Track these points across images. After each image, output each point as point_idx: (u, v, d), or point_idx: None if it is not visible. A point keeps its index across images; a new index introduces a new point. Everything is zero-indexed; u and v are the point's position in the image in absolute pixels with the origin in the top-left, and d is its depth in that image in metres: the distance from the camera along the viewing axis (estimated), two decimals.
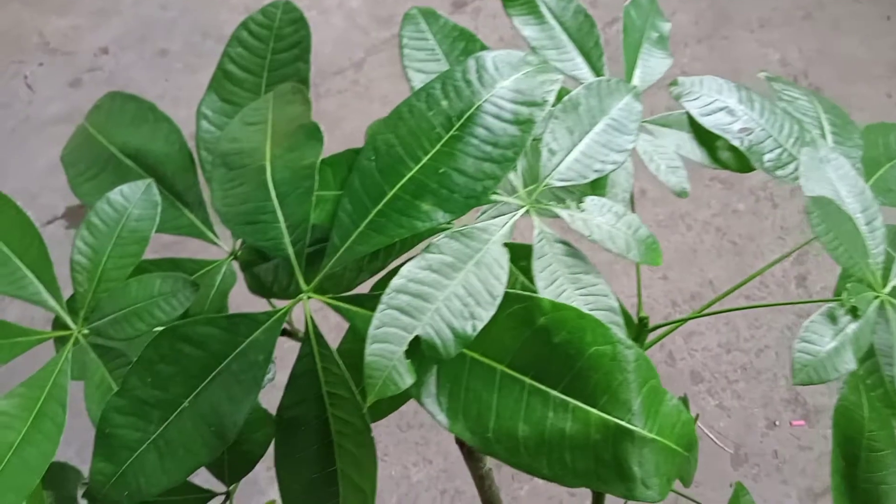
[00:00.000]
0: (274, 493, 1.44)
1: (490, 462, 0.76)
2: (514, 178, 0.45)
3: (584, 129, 0.45)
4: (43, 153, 1.72)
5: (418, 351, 0.38)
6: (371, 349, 0.37)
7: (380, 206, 0.43)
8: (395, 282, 0.38)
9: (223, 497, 0.58)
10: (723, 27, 1.95)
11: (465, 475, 1.51)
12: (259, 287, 0.56)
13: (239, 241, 0.59)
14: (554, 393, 0.39)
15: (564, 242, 0.43)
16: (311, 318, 0.44)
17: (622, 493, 0.38)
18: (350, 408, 0.42)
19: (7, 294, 0.50)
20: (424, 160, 0.43)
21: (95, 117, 0.66)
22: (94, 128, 0.65)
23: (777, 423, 1.50)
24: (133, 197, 0.52)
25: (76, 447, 0.81)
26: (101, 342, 0.50)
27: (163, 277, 0.49)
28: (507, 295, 0.40)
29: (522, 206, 0.43)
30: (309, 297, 0.44)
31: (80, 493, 0.60)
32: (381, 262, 0.51)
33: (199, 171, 0.62)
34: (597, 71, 0.52)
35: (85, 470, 0.64)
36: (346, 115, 1.82)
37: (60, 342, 0.59)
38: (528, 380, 0.40)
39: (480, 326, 0.38)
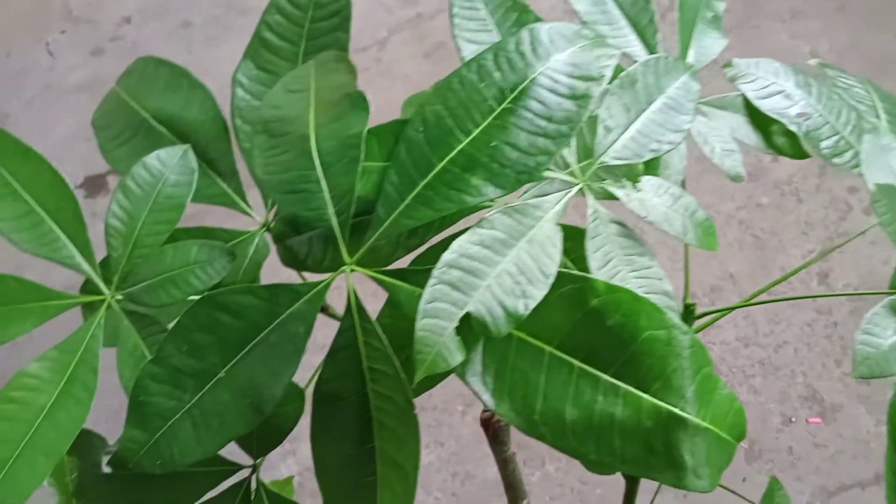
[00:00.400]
0: (286, 469, 1.44)
1: (514, 446, 0.75)
2: (568, 154, 0.44)
3: (641, 106, 0.44)
4: (63, 121, 1.71)
5: (466, 328, 0.37)
6: (422, 324, 0.36)
7: (427, 179, 0.42)
8: (447, 256, 0.37)
9: (249, 470, 0.57)
10: (753, 17, 1.91)
11: (477, 458, 1.50)
12: (292, 260, 0.54)
13: (272, 213, 0.58)
14: (604, 377, 0.38)
15: (619, 223, 0.41)
16: (354, 291, 0.42)
17: (672, 482, 0.37)
18: (392, 384, 0.41)
19: (40, 256, 0.49)
20: (475, 133, 0.42)
21: (127, 82, 0.65)
22: (126, 92, 0.64)
23: (793, 419, 1.49)
24: (170, 162, 0.51)
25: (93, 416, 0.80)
26: (134, 308, 0.49)
27: (199, 245, 0.48)
28: (559, 275, 0.38)
29: (576, 184, 0.42)
30: (352, 270, 0.43)
31: (104, 460, 0.60)
32: (418, 239, 0.50)
33: (233, 140, 0.61)
34: (650, 48, 0.51)
35: (108, 439, 0.63)
36: (368, 93, 1.80)
37: (89, 309, 0.59)
38: (577, 362, 0.39)
39: (532, 305, 0.37)
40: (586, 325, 0.38)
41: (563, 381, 0.39)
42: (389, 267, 0.43)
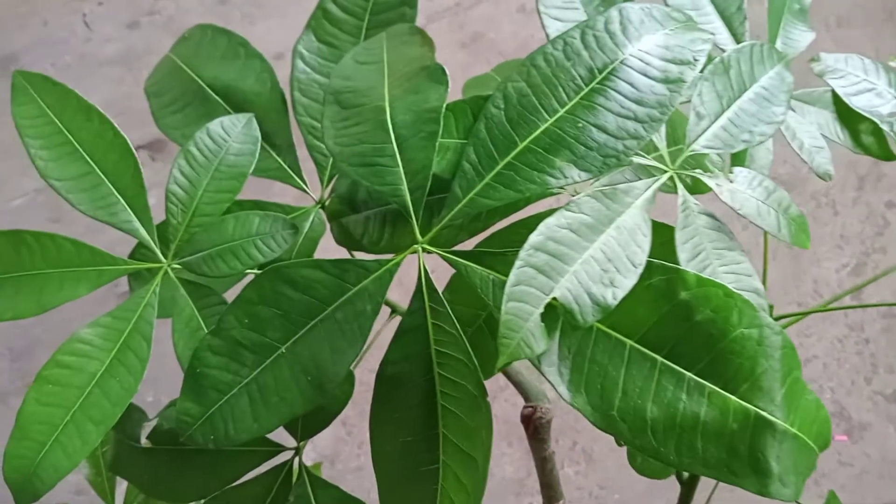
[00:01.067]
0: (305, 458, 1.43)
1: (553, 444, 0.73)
2: (657, 140, 0.42)
3: (733, 95, 0.42)
4: (97, 92, 1.70)
5: (546, 314, 0.35)
6: (508, 307, 0.34)
7: (508, 158, 0.40)
8: (534, 238, 0.35)
9: (292, 452, 0.56)
10: None
11: (494, 456, 1.48)
12: (346, 239, 0.53)
13: (328, 190, 0.57)
14: (689, 374, 0.36)
15: (709, 214, 0.39)
16: (426, 270, 0.41)
17: (755, 489, 0.36)
18: (461, 369, 0.39)
19: (97, 219, 0.48)
20: (561, 112, 0.40)
21: (183, 49, 0.63)
22: (182, 60, 0.63)
23: None
24: (233, 130, 0.50)
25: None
26: (192, 278, 0.47)
27: (261, 216, 0.47)
28: (648, 264, 0.36)
29: (665, 172, 0.40)
30: (424, 250, 0.42)
31: (143, 434, 0.59)
32: (481, 224, 0.48)
33: (291, 114, 0.59)
34: (737, 37, 0.49)
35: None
36: None
37: (137, 279, 0.57)
38: (660, 358, 0.37)
39: (621, 296, 0.35)
40: (673, 318, 0.37)
41: (644, 377, 0.37)
42: (463, 249, 0.41)
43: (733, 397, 0.36)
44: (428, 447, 0.41)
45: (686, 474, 0.52)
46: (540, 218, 0.37)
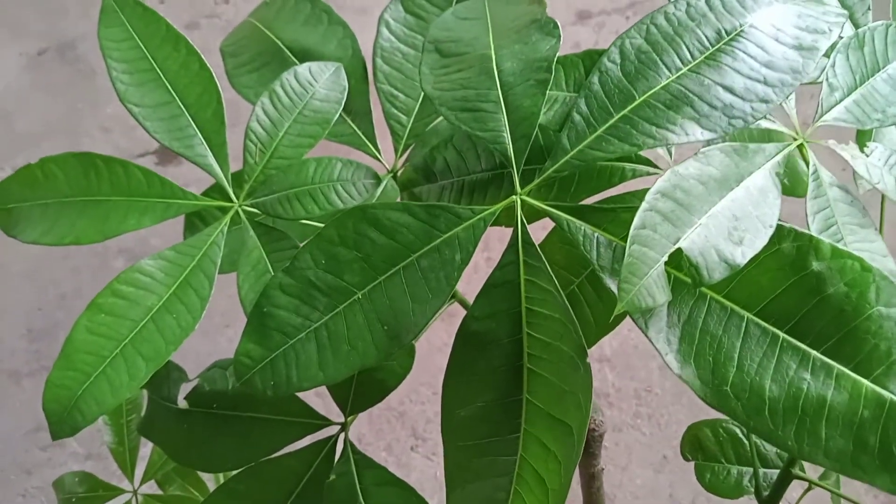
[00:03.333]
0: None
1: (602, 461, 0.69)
2: (787, 107, 0.39)
3: (866, 72, 0.39)
4: None
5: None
6: (631, 251, 0.31)
7: (625, 112, 0.38)
8: (661, 184, 0.33)
9: (337, 427, 0.52)
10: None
11: None
12: None
13: (402, 160, 0.54)
14: (815, 353, 0.33)
15: (842, 187, 0.36)
16: (524, 222, 0.38)
17: (886, 486, 0.32)
18: (555, 329, 0.36)
19: (173, 150, 0.46)
20: (684, 70, 0.38)
21: (263, 13, 0.62)
22: (262, 23, 0.61)
23: None
24: (321, 76, 0.48)
25: None
26: (263, 220, 0.45)
27: (345, 162, 0.44)
28: (778, 228, 0.33)
29: (795, 140, 0.37)
30: (523, 202, 0.39)
31: (181, 394, 0.55)
32: (564, 193, 0.46)
33: (371, 82, 0.58)
34: (856, 24, 0.46)
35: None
36: None
37: (192, 224, 0.55)
38: (782, 333, 0.33)
39: (750, 255, 0.32)
40: (800, 290, 0.33)
41: (763, 353, 0.33)
42: (568, 203, 0.38)
43: (866, 381, 0.32)
44: (508, 414, 0.37)
45: (766, 493, 0.48)
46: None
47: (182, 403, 0.54)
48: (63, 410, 0.40)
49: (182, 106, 0.46)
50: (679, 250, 0.31)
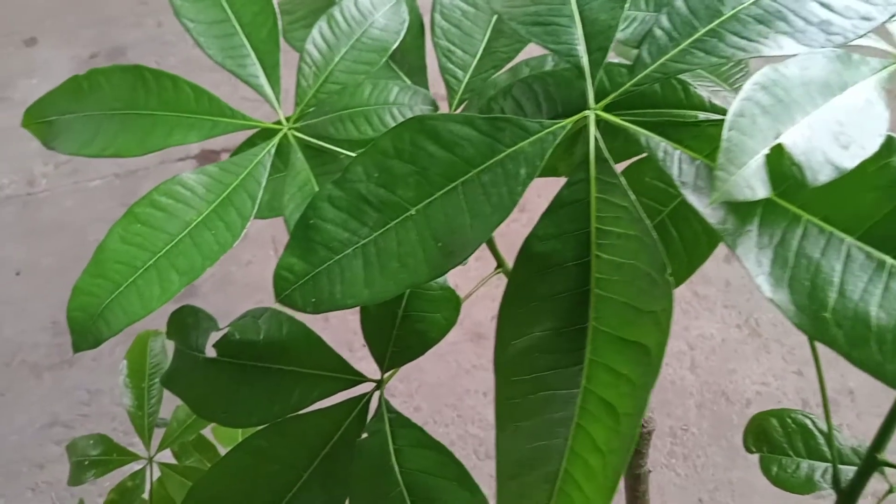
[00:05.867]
0: None
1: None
2: (892, 28, 0.36)
3: None
4: None
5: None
6: (728, 136, 0.28)
7: (712, 26, 0.35)
8: (759, 77, 0.29)
9: (373, 385, 0.49)
10: None
11: None
12: None
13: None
14: None
15: None
16: (598, 137, 0.35)
17: None
18: (630, 247, 0.33)
19: (224, 67, 0.44)
20: None
21: None
22: None
23: None
24: (381, 6, 0.46)
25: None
26: (313, 143, 0.42)
27: (401, 86, 0.42)
28: (888, 140, 0.30)
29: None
30: (597, 117, 0.36)
31: (209, 343, 0.52)
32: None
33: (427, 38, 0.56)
34: None
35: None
36: None
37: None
38: (890, 259, 0.30)
39: (861, 158, 0.29)
40: None
41: (867, 278, 0.30)
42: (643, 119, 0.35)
43: None
44: (570, 343, 0.33)
45: (847, 478, 0.43)
46: None
47: (210, 352, 0.51)
48: (88, 319, 0.38)
49: (237, 25, 0.44)
50: (778, 148, 0.28)
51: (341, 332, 1.32)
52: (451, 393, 1.50)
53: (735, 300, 1.60)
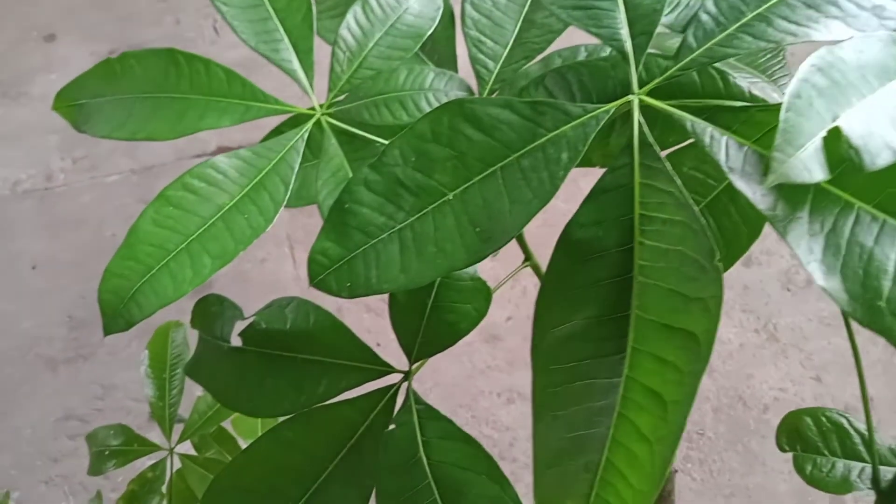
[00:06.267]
0: None
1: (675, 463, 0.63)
2: None
3: None
4: None
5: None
6: (786, 117, 0.27)
7: (760, 10, 0.34)
8: (815, 59, 0.29)
9: (401, 376, 0.48)
10: None
11: None
12: None
13: None
14: None
15: None
16: (642, 121, 0.34)
17: None
18: (676, 233, 0.32)
19: (257, 51, 0.43)
20: None
21: None
22: None
23: None
24: None
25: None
26: (346, 128, 0.42)
27: (437, 72, 0.42)
28: None
29: None
30: (641, 101, 0.35)
31: (234, 333, 0.52)
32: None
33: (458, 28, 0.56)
34: None
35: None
36: None
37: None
38: None
39: None
40: None
41: None
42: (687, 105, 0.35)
43: None
44: (612, 332, 0.33)
45: (886, 479, 0.42)
46: None
47: (235, 341, 0.51)
48: (119, 302, 0.37)
49: (271, 9, 0.44)
50: (835, 131, 0.27)
51: (355, 330, 1.32)
52: (465, 394, 1.49)
53: (753, 304, 1.58)
